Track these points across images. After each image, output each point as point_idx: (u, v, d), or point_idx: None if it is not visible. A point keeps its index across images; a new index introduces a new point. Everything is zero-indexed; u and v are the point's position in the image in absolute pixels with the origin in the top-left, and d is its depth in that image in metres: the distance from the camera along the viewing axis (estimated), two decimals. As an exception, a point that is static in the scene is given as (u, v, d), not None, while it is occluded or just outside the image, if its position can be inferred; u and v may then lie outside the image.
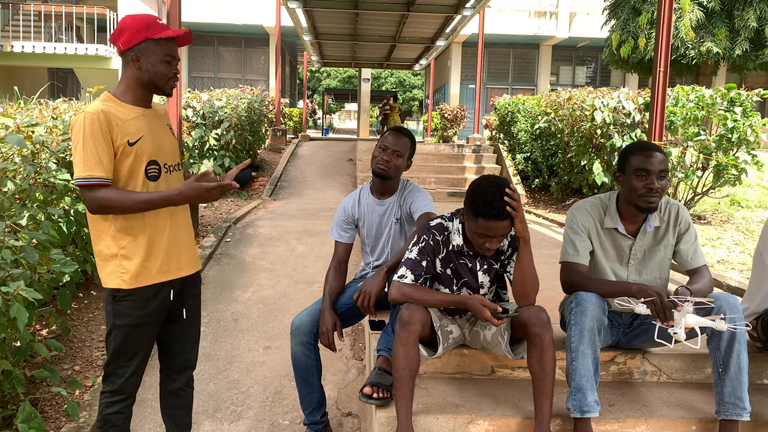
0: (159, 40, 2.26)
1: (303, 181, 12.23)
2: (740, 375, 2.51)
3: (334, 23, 12.18)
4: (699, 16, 14.40)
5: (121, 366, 2.35)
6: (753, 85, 10.96)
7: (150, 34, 2.24)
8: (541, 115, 10.56)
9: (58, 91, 20.24)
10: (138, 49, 2.24)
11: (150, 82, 2.29)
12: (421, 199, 3.00)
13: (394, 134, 3.04)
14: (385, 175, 3.00)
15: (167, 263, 2.35)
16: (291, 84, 28.61)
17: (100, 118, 2.16)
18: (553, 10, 21.07)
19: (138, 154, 2.25)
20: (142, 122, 2.29)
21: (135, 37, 2.23)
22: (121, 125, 2.21)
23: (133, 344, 2.34)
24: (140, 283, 2.28)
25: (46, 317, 3.93)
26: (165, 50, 2.28)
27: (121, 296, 2.28)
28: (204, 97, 10.09)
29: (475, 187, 2.44)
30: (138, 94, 2.31)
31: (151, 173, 2.29)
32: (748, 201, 8.99)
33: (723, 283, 5.12)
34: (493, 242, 2.45)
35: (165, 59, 2.28)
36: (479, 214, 2.37)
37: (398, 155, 2.99)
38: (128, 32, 2.24)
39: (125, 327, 2.30)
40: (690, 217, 2.83)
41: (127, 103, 2.29)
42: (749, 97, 7.48)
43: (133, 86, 2.30)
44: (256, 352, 4.20)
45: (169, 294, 2.38)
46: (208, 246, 6.46)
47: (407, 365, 2.42)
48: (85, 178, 2.14)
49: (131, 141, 2.23)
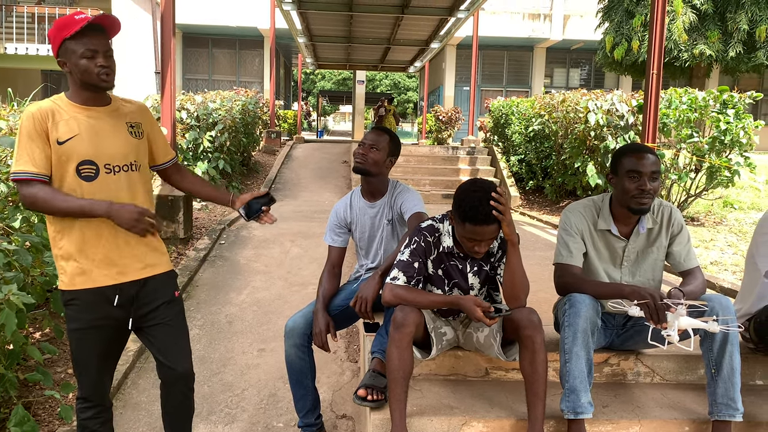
0: (75, 37, 2.20)
1: (297, 183, 12.23)
2: (733, 376, 2.52)
3: (329, 25, 12.17)
4: (692, 19, 14.46)
5: (81, 374, 2.33)
6: (745, 87, 11.02)
7: (65, 35, 2.20)
8: (535, 117, 10.59)
9: (51, 92, 20.12)
10: (61, 53, 2.23)
11: (82, 81, 2.24)
12: (411, 200, 3.01)
13: (373, 131, 3.07)
14: (363, 170, 3.01)
15: (106, 267, 2.27)
16: (285, 86, 28.60)
17: (35, 117, 2.19)
18: (547, 12, 21.13)
19: (67, 154, 2.21)
20: (81, 122, 2.25)
21: (55, 43, 2.23)
22: (56, 124, 2.21)
23: (86, 351, 2.31)
24: (76, 286, 2.25)
25: (39, 320, 3.92)
26: (84, 45, 2.20)
27: (67, 299, 2.28)
28: (198, 99, 10.07)
29: (461, 192, 2.45)
30: (82, 94, 2.28)
31: (85, 173, 2.24)
32: (740, 203, 9.03)
33: (716, 284, 5.14)
34: (482, 245, 2.45)
35: (85, 54, 2.21)
36: (466, 219, 2.38)
37: (375, 149, 2.99)
38: (52, 41, 2.24)
39: (75, 332, 2.29)
40: (683, 218, 2.84)
41: (77, 102, 2.28)
42: (742, 99, 7.52)
43: (74, 88, 2.29)
44: (250, 354, 4.20)
45: (114, 299, 2.29)
46: (202, 248, 6.45)
47: (401, 367, 2.42)
48: (15, 172, 2.18)
49: (60, 140, 2.21)
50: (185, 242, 6.59)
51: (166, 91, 6.45)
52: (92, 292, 2.27)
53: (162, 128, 6.49)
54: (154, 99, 9.04)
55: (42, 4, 19.41)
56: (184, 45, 22.30)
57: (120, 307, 2.32)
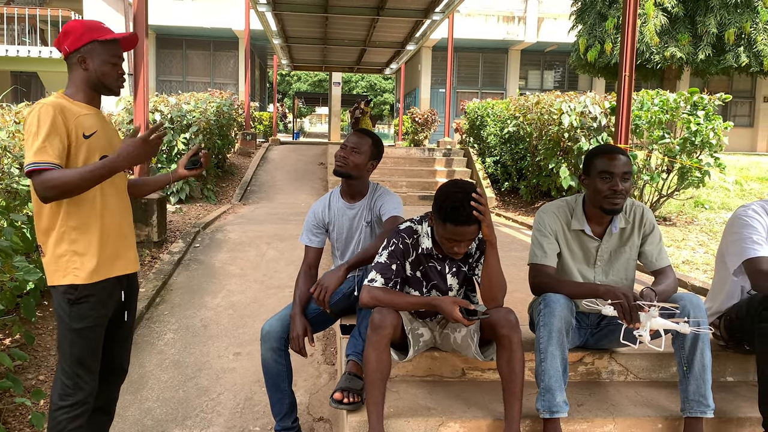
0: (104, 42, 2.31)
1: (273, 185, 12.16)
2: (704, 373, 2.57)
3: (304, 27, 12.15)
4: (663, 22, 14.70)
5: (83, 374, 2.29)
6: (715, 89, 11.21)
7: (96, 36, 2.29)
8: (510, 119, 10.67)
9: (21, 95, 19.80)
10: (84, 50, 2.29)
11: (98, 83, 2.33)
12: (390, 202, 3.01)
13: (355, 134, 3.07)
14: (344, 173, 3.01)
15: (116, 260, 2.37)
16: (261, 88, 28.43)
17: (56, 109, 2.19)
18: (521, 15, 21.31)
19: (92, 148, 2.27)
20: (95, 119, 2.34)
21: (81, 38, 2.28)
22: (76, 119, 2.24)
23: (93, 349, 2.32)
24: (93, 279, 2.28)
25: (9, 326, 3.84)
26: (111, 51, 2.33)
27: (80, 296, 2.26)
28: (172, 101, 9.97)
29: (442, 193, 2.45)
30: (88, 94, 2.35)
31: None
32: (711, 203, 9.19)
33: (687, 283, 5.22)
34: (462, 246, 2.46)
35: (111, 60, 2.33)
36: (447, 220, 2.39)
37: (356, 152, 2.99)
38: (74, 34, 2.29)
39: (84, 330, 2.28)
40: (654, 218, 2.89)
41: (81, 101, 2.33)
42: (711, 101, 7.65)
43: (82, 87, 2.33)
44: (226, 358, 4.16)
45: (121, 294, 2.41)
46: (176, 251, 6.38)
47: (379, 369, 2.42)
48: (36, 162, 2.12)
49: (86, 134, 2.26)
50: (159, 245, 6.51)
51: (139, 93, 6.37)
52: (108, 285, 2.33)
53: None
54: (126, 101, 8.93)
55: (11, 5, 19.06)
56: (158, 46, 22.06)
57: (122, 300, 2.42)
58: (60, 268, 2.26)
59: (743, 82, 21.49)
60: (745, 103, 22.40)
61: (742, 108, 22.39)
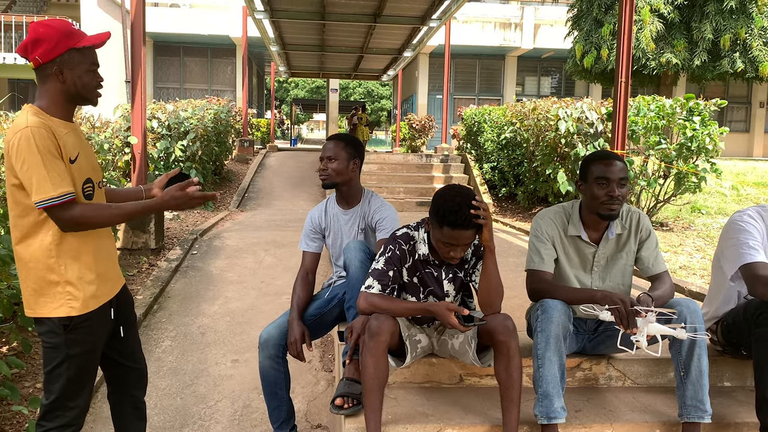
0: (82, 49, 2.12)
1: (271, 191, 12.16)
2: (701, 378, 2.57)
3: (302, 34, 12.18)
4: (659, 28, 14.76)
5: (75, 398, 2.19)
6: (711, 95, 11.28)
7: (72, 44, 2.08)
8: (507, 125, 10.70)
9: (19, 102, 19.80)
10: (60, 60, 2.08)
11: (77, 95, 2.15)
12: (387, 219, 2.99)
13: (328, 142, 3.08)
14: (329, 184, 3.03)
15: (106, 282, 2.26)
16: (258, 94, 28.48)
17: (49, 133, 2.02)
18: (517, 21, 21.38)
19: (78, 173, 2.13)
20: (74, 137, 2.16)
21: (56, 47, 2.06)
22: (62, 141, 2.07)
23: (88, 373, 2.23)
24: (89, 308, 2.16)
25: (6, 334, 3.83)
26: (89, 59, 2.14)
27: (76, 324, 2.13)
28: (169, 107, 9.98)
29: (440, 197, 2.46)
30: (65, 108, 2.15)
31: (87, 191, 2.18)
32: (708, 208, 9.22)
33: (685, 288, 5.23)
34: (458, 251, 2.47)
35: (90, 68, 2.14)
36: (445, 223, 2.39)
37: (333, 159, 3.00)
38: (47, 43, 2.05)
39: (80, 356, 2.15)
40: (651, 224, 2.89)
41: (59, 117, 2.13)
42: (707, 106, 7.68)
43: (58, 100, 2.13)
44: (223, 365, 4.15)
45: (110, 313, 2.28)
46: (174, 258, 6.38)
47: (376, 375, 2.42)
48: (59, 196, 1.99)
49: (72, 158, 2.10)
50: (157, 253, 6.50)
51: (137, 101, 6.38)
52: (101, 310, 2.21)
53: (132, 137, 6.44)
54: (124, 108, 8.94)
55: (9, 13, 19.10)
56: (155, 53, 22.08)
57: (113, 318, 2.31)
58: (51, 299, 2.10)
59: (739, 87, 21.58)
60: (741, 109, 22.49)
61: (738, 113, 22.48)
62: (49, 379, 2.17)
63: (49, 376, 2.16)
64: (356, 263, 2.78)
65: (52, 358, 2.15)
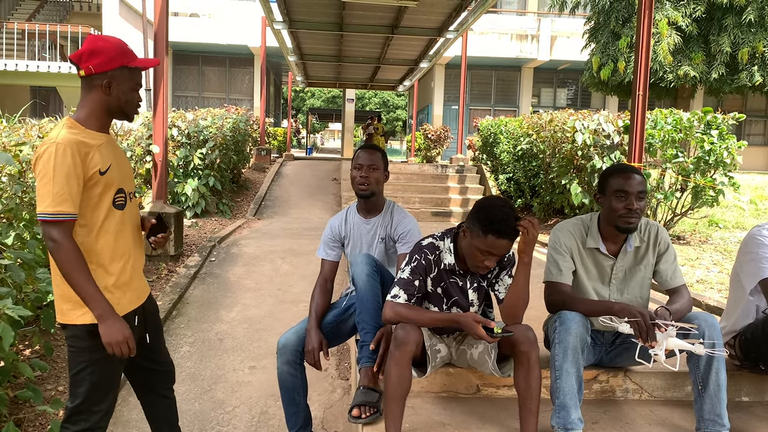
0: (133, 69, 2.24)
1: (287, 200, 12.25)
2: (719, 392, 2.57)
3: (319, 44, 12.28)
4: (677, 41, 14.72)
5: (99, 403, 2.25)
6: (729, 108, 11.21)
7: (126, 62, 2.20)
8: (523, 136, 10.71)
9: (40, 109, 20.11)
10: (112, 75, 2.19)
11: (118, 109, 2.25)
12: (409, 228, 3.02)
13: (366, 151, 3.09)
14: (369, 193, 3.04)
15: (131, 292, 2.33)
16: (275, 104, 28.70)
17: (73, 149, 2.09)
18: (534, 33, 21.41)
19: (108, 183, 2.20)
20: (108, 149, 2.24)
21: (111, 62, 2.18)
22: (92, 154, 2.15)
23: (111, 379, 2.28)
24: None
25: (29, 337, 3.90)
26: (135, 79, 2.26)
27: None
28: (189, 116, 10.10)
29: (485, 206, 2.47)
30: (102, 120, 2.24)
31: (119, 201, 2.26)
32: (725, 222, 9.16)
33: (702, 302, 5.20)
34: (492, 260, 2.48)
35: (135, 87, 2.26)
36: (491, 231, 2.40)
37: (374, 168, 3.03)
38: (103, 56, 2.17)
39: (103, 361, 2.21)
40: (669, 237, 2.90)
41: (91, 129, 2.21)
42: (725, 120, 7.66)
43: (98, 112, 2.22)
44: (241, 371, 4.20)
45: (134, 321, 2.33)
46: (192, 265, 6.45)
47: (400, 384, 2.44)
48: (55, 213, 2.06)
49: (102, 170, 2.17)
50: (176, 259, 6.58)
51: (159, 110, 6.48)
52: (125, 319, 2.26)
53: (153, 146, 6.54)
54: (145, 116, 9.07)
55: (32, 21, 19.43)
56: (174, 62, 22.35)
57: (138, 326, 2.37)
58: (78, 306, 2.17)
59: (757, 101, 21.42)
60: (760, 122, 22.32)
61: (757, 127, 22.31)
62: (74, 383, 2.24)
63: (74, 380, 2.23)
64: (363, 277, 2.79)
65: (77, 363, 2.22)
